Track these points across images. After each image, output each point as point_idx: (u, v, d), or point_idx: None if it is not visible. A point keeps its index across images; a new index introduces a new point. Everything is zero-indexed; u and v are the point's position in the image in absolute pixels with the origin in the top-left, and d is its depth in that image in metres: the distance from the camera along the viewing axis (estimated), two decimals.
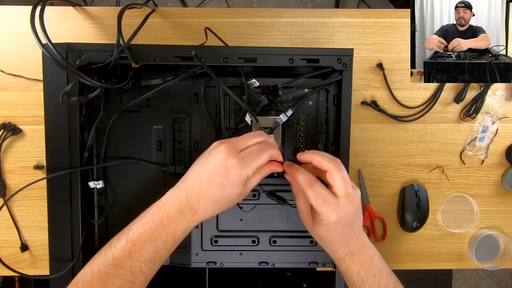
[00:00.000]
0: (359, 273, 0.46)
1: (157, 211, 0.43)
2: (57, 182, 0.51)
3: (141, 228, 0.43)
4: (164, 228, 0.42)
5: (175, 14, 0.63)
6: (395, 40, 0.65)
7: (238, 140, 0.45)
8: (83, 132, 0.53)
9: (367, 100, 0.65)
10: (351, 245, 0.47)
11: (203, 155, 0.45)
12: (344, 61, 0.52)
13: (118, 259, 0.41)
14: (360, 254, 0.47)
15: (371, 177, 0.67)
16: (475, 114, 0.66)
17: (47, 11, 0.48)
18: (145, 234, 0.42)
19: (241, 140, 0.45)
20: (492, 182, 0.69)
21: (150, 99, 0.54)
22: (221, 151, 0.43)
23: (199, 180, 0.43)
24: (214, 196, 0.43)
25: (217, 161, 0.43)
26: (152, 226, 0.42)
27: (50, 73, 0.50)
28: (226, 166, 0.42)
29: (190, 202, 0.43)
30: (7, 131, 0.62)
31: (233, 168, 0.42)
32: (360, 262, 0.46)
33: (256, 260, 0.57)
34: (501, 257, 0.70)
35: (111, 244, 0.43)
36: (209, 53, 0.50)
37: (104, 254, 0.42)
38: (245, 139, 0.45)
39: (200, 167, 0.44)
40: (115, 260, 0.41)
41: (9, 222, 0.64)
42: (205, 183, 0.43)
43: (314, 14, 0.64)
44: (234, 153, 0.43)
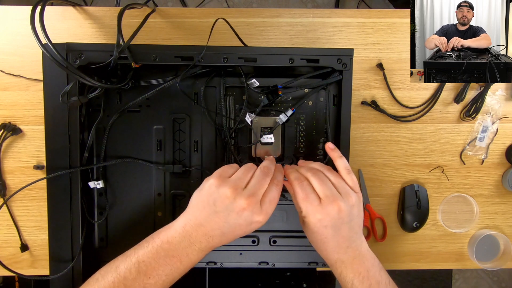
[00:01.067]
0: (353, 282, 0.45)
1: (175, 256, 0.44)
2: (57, 182, 0.51)
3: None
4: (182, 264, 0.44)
5: (175, 14, 0.63)
6: (395, 40, 0.65)
7: (245, 183, 0.44)
8: (83, 132, 0.53)
9: (367, 100, 0.65)
10: (341, 253, 0.46)
11: (208, 200, 0.43)
12: (344, 61, 0.52)
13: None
14: (354, 264, 0.46)
15: (371, 177, 0.67)
16: (475, 114, 0.66)
17: (47, 11, 0.48)
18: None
19: (243, 179, 0.44)
20: (492, 182, 0.69)
21: (150, 99, 0.54)
22: (237, 204, 0.42)
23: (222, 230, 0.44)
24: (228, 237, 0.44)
25: (240, 219, 0.42)
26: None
27: (50, 73, 0.50)
28: (251, 222, 0.43)
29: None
30: (7, 131, 0.62)
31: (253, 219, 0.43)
32: (354, 271, 0.45)
33: (256, 260, 0.57)
34: (501, 257, 0.70)
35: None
36: (209, 53, 0.50)
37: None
38: (245, 174, 0.44)
39: (217, 221, 0.43)
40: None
41: (9, 222, 0.64)
42: (229, 234, 0.44)
43: (314, 14, 0.64)
44: (255, 207, 0.42)
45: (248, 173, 0.45)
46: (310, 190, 0.45)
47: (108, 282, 0.42)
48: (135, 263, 0.42)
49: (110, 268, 0.43)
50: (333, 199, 0.44)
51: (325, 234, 0.45)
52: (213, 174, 0.44)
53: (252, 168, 0.46)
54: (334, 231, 0.45)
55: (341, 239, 0.45)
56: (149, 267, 0.42)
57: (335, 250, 0.46)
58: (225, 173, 0.44)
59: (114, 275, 0.42)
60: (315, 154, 0.57)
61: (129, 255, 0.44)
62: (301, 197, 0.44)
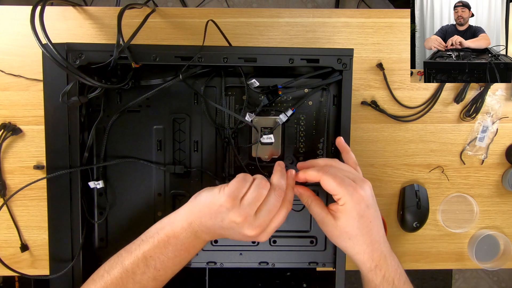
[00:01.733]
0: (393, 283, 0.43)
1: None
2: (57, 182, 0.51)
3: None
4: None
5: (175, 14, 0.63)
6: (395, 40, 0.65)
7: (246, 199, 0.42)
8: (83, 132, 0.53)
9: (367, 100, 0.65)
10: (382, 244, 0.44)
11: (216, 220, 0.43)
12: (344, 61, 0.52)
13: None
14: (391, 260, 0.44)
15: (371, 177, 0.67)
16: (475, 114, 0.66)
17: (47, 11, 0.48)
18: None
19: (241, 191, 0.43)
20: (492, 182, 0.69)
21: (150, 99, 0.54)
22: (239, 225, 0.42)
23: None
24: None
25: (245, 239, 0.43)
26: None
27: (50, 73, 0.50)
28: (245, 236, 0.43)
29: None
30: (7, 131, 0.62)
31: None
32: (393, 269, 0.43)
33: (256, 260, 0.57)
34: (501, 257, 0.70)
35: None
36: (209, 53, 0.50)
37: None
38: (257, 199, 0.42)
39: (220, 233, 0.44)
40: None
41: (9, 222, 0.64)
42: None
43: (314, 14, 0.64)
44: (262, 234, 0.43)
45: (260, 197, 0.42)
46: (342, 174, 0.44)
47: (115, 278, 0.43)
48: (142, 259, 0.43)
49: (115, 264, 0.44)
50: (361, 179, 0.44)
51: (370, 215, 0.43)
52: (226, 192, 0.42)
53: (265, 188, 0.43)
54: (374, 211, 0.44)
55: (380, 224, 0.44)
56: (157, 261, 0.43)
57: (376, 239, 0.44)
58: (238, 192, 0.42)
59: (121, 271, 0.43)
60: (315, 154, 0.57)
61: (133, 250, 0.44)
62: (337, 182, 0.42)
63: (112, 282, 0.43)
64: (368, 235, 0.43)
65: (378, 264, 0.43)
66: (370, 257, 0.44)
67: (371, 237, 0.43)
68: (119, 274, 0.43)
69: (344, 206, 0.43)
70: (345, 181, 0.43)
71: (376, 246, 0.44)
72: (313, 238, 0.57)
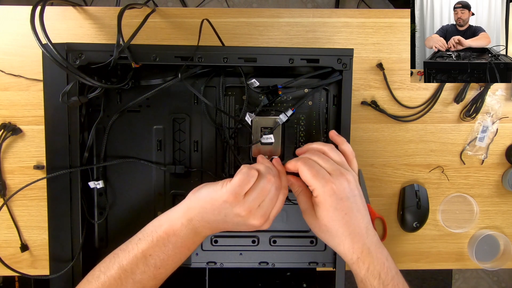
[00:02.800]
0: (379, 276, 0.42)
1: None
2: (57, 182, 0.51)
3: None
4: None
5: (175, 14, 0.63)
6: (395, 40, 0.65)
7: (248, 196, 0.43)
8: (83, 132, 0.53)
9: (367, 100, 0.65)
10: (363, 235, 0.43)
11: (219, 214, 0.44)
12: (344, 61, 0.52)
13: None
14: (377, 253, 0.43)
15: (371, 177, 0.67)
16: (475, 114, 0.66)
17: (47, 11, 0.48)
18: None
19: (243, 189, 0.43)
20: (492, 182, 0.69)
21: (150, 99, 0.54)
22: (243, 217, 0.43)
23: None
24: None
25: (248, 228, 0.44)
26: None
27: (50, 73, 0.50)
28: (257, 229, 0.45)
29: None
30: (7, 131, 0.62)
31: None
32: (379, 262, 0.43)
33: (256, 260, 0.57)
34: (501, 257, 0.70)
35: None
36: (209, 53, 0.50)
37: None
38: (261, 194, 0.43)
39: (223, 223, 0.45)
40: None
41: (9, 222, 0.64)
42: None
43: (314, 14, 0.64)
44: (266, 222, 0.44)
45: (266, 193, 0.43)
46: (319, 166, 0.44)
47: (113, 279, 0.42)
48: (142, 258, 0.43)
49: (112, 264, 0.43)
50: (339, 172, 0.44)
51: (344, 207, 0.43)
52: (229, 188, 0.42)
53: (270, 182, 0.43)
54: (351, 203, 0.43)
55: (359, 216, 0.44)
56: (157, 259, 0.43)
57: (357, 231, 0.43)
58: (241, 190, 0.42)
59: (119, 271, 0.43)
60: None
61: (131, 249, 0.44)
62: (312, 174, 0.43)
63: (110, 283, 0.42)
64: (345, 227, 0.43)
65: (360, 257, 0.43)
66: (350, 248, 0.43)
67: (349, 229, 0.43)
68: (117, 274, 0.42)
69: (318, 198, 0.44)
70: (319, 173, 0.43)
71: (356, 239, 0.43)
72: (313, 238, 0.57)
